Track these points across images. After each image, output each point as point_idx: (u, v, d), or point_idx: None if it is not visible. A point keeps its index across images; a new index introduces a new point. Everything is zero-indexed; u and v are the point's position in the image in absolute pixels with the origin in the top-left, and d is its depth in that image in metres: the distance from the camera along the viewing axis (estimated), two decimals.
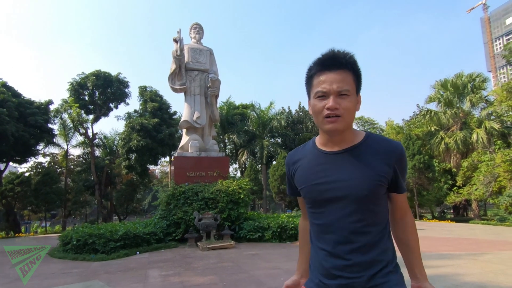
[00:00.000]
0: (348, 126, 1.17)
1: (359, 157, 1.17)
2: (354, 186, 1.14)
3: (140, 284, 5.56)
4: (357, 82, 1.17)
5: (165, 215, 10.95)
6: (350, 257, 1.15)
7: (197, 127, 12.74)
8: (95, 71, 26.72)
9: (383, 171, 1.16)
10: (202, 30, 13.81)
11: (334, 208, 1.18)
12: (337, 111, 1.12)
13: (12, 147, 23.09)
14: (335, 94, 1.12)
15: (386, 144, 1.19)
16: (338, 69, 1.13)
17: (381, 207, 1.20)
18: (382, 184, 1.16)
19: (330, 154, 1.21)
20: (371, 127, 37.30)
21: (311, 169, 1.24)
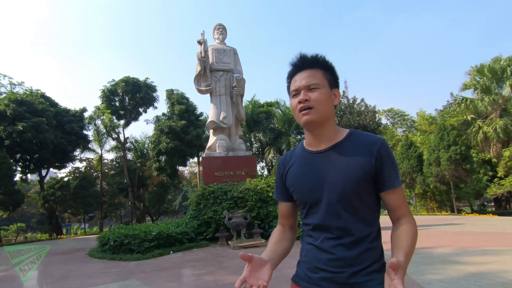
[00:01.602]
0: (323, 117, 1.20)
1: (342, 154, 1.20)
2: (338, 183, 1.16)
3: (174, 283, 5.67)
4: (331, 77, 1.24)
5: (195, 215, 11.14)
6: (334, 251, 1.17)
7: (223, 127, 12.84)
8: (124, 78, 27.71)
9: (365, 165, 1.15)
10: (226, 31, 13.89)
11: (321, 207, 1.20)
12: (308, 103, 1.18)
13: (52, 154, 24.47)
14: (305, 88, 1.20)
15: (367, 138, 1.21)
16: (307, 68, 1.22)
17: (367, 204, 1.19)
18: (366, 179, 1.16)
19: (315, 154, 1.25)
20: (401, 119, 36.02)
21: (299, 170, 1.28)
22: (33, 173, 27.09)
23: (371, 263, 1.15)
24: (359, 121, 30.75)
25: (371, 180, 1.17)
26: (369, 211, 1.19)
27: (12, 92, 26.10)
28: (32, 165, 25.59)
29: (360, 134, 1.23)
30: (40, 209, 28.71)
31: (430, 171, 19.54)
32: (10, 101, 22.21)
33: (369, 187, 1.17)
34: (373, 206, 1.21)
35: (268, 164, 30.66)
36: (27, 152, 23.45)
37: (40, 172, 26.78)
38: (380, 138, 1.20)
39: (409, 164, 21.19)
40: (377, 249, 1.19)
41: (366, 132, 1.24)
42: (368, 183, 1.16)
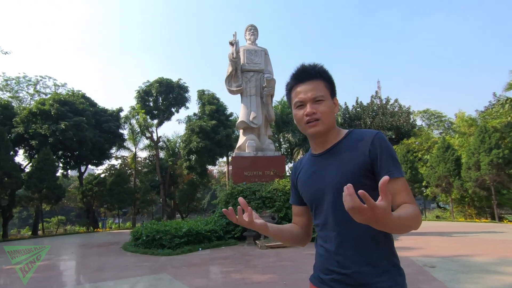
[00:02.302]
0: (329, 127, 1.26)
1: (339, 153, 1.24)
2: (337, 182, 1.18)
3: (204, 279, 5.80)
4: (331, 88, 1.28)
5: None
6: (342, 252, 1.17)
7: (253, 127, 12.94)
8: (158, 79, 28.67)
9: (360, 160, 1.17)
10: (257, 31, 14.00)
11: (324, 207, 1.23)
12: (315, 115, 1.23)
13: (91, 151, 25.81)
14: (311, 101, 1.24)
15: (362, 134, 1.23)
16: (310, 79, 1.26)
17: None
18: (363, 174, 1.17)
19: (317, 157, 1.31)
20: (437, 120, 34.41)
21: (307, 174, 1.33)
22: (73, 169, 28.71)
23: (380, 262, 1.14)
24: (392, 122, 29.77)
25: (371, 175, 1.17)
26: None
27: (56, 92, 27.84)
28: (72, 162, 27.13)
29: (357, 132, 1.27)
30: (78, 204, 30.35)
31: (469, 176, 18.51)
32: (54, 101, 23.68)
33: (370, 182, 1.16)
34: (375, 199, 1.15)
35: None
36: (68, 149, 24.88)
37: (80, 169, 28.33)
38: (374, 132, 1.21)
39: (446, 168, 20.20)
40: (386, 248, 1.17)
41: (363, 129, 1.26)
42: (367, 178, 1.17)
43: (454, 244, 9.15)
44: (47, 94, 28.48)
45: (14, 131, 22.82)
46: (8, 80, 27.91)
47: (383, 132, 1.68)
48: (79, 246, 13.18)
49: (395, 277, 1.14)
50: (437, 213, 25.94)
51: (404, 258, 6.99)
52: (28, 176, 21.21)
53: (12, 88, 28.34)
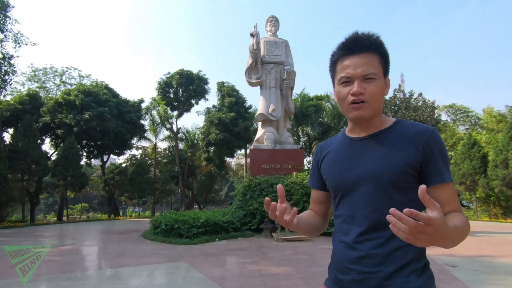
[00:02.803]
0: (376, 112, 1.10)
1: (385, 142, 1.09)
2: (376, 174, 1.05)
3: (220, 269, 5.86)
4: (385, 65, 1.10)
5: (241, 205, 11.36)
6: (365, 247, 1.05)
7: (272, 120, 12.86)
8: (179, 70, 28.94)
9: (410, 156, 1.03)
10: (278, 23, 13.83)
11: (355, 197, 1.10)
12: (363, 96, 1.06)
13: (113, 141, 26.52)
14: (360, 78, 1.06)
15: (415, 128, 1.08)
16: (363, 52, 1.07)
17: (408, 198, 1.04)
18: (408, 171, 1.03)
19: (356, 141, 1.15)
20: (464, 115, 33.15)
21: (336, 157, 1.19)
22: (96, 158, 29.63)
23: (408, 262, 1.01)
24: (415, 116, 28.86)
25: (416, 174, 1.04)
26: (409, 206, 0.98)
27: (80, 83, 28.68)
28: (95, 151, 28.00)
29: (407, 124, 1.11)
30: (101, 192, 31.36)
31: (496, 174, 17.78)
32: (79, 92, 24.40)
33: (413, 181, 1.04)
34: (415, 200, 1.00)
35: None
36: (91, 139, 25.67)
37: (102, 158, 29.20)
38: (429, 128, 1.07)
39: (471, 165, 19.48)
40: (416, 248, 1.02)
41: (414, 122, 1.11)
42: (411, 176, 1.04)
43: (477, 244, 8.83)
44: (72, 85, 29.39)
45: (41, 120, 23.73)
46: (36, 71, 28.97)
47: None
48: (101, 232, 13.62)
49: (424, 279, 1.02)
50: None
51: None
52: (54, 164, 22.07)
53: (40, 78, 29.43)
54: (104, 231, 13.91)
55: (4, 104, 22.86)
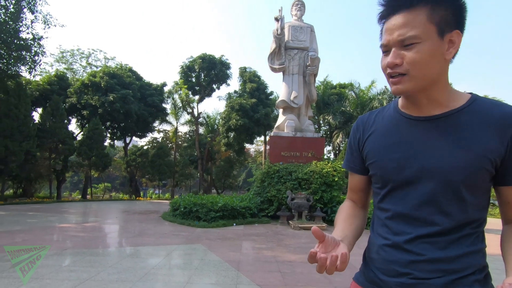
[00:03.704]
0: (423, 85, 0.86)
1: (457, 127, 0.87)
2: (445, 169, 0.86)
3: (236, 253, 5.91)
4: (445, 15, 0.82)
5: (259, 191, 11.38)
6: (422, 251, 0.88)
7: (293, 107, 12.68)
8: (201, 55, 28.93)
9: (492, 149, 0.83)
10: (304, 7, 13.44)
11: (412, 193, 0.91)
12: (399, 68, 0.85)
13: (135, 124, 27.08)
14: (397, 45, 0.84)
15: (500, 110, 0.85)
16: (406, 8, 0.83)
17: (480, 199, 0.88)
18: (487, 168, 0.84)
19: (416, 121, 0.92)
20: None
21: (387, 139, 0.96)
22: (119, 140, 30.41)
23: (474, 270, 0.87)
24: None
25: (494, 170, 0.86)
26: (478, 207, 0.89)
27: (106, 65, 29.24)
28: (118, 133, 28.70)
29: (487, 103, 0.88)
30: (123, 173, 32.33)
31: None
32: (104, 74, 24.90)
33: (487, 179, 0.87)
34: (485, 201, 0.91)
35: (336, 148, 29.76)
36: (115, 120, 26.28)
37: (125, 139, 29.93)
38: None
39: None
40: (481, 253, 0.91)
41: (495, 101, 0.88)
42: (489, 174, 0.86)
43: None
44: (98, 67, 30.04)
45: (68, 101, 24.48)
46: (64, 52, 29.74)
47: None
48: (122, 212, 14.06)
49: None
50: None
51: None
52: (80, 144, 22.83)
53: (67, 60, 30.21)
54: (125, 211, 14.35)
55: (34, 84, 23.67)
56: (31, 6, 15.56)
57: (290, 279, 4.35)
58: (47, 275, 4.16)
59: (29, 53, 16.09)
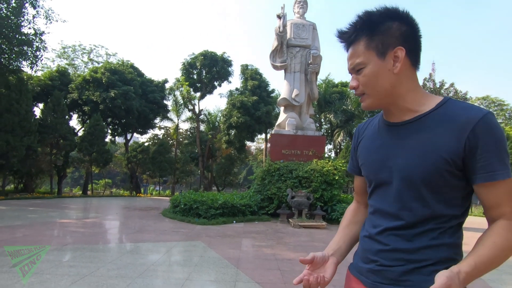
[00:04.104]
0: (381, 98, 0.99)
1: (421, 130, 0.94)
2: (409, 168, 0.94)
3: (236, 250, 5.92)
4: (380, 39, 0.94)
5: (259, 189, 11.38)
6: (389, 242, 0.98)
7: (295, 105, 12.65)
8: (203, 51, 28.88)
9: (448, 149, 0.89)
10: (306, 4, 13.38)
11: (386, 191, 1.01)
12: (358, 90, 1.00)
13: (136, 120, 27.08)
14: (353, 72, 1.01)
15: (465, 113, 0.89)
16: (351, 43, 0.99)
17: (446, 196, 0.93)
18: (444, 168, 0.90)
19: (392, 126, 1.02)
20: (498, 108, 31.56)
21: (372, 143, 1.09)
22: (120, 136, 30.44)
23: (434, 262, 0.92)
24: None
25: (457, 171, 0.90)
26: (446, 204, 0.94)
27: (107, 61, 29.21)
28: (119, 129, 28.73)
29: (455, 106, 0.93)
30: (124, 169, 32.37)
31: None
32: (105, 70, 24.90)
33: (455, 181, 0.92)
34: (456, 199, 0.95)
35: (337, 147, 29.75)
36: (116, 117, 26.30)
37: (126, 136, 29.96)
38: (480, 112, 0.88)
39: None
40: (446, 246, 0.94)
41: (465, 103, 0.92)
42: (452, 175, 0.91)
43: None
44: (99, 63, 30.02)
45: (69, 96, 24.49)
46: (65, 48, 29.72)
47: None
48: (122, 208, 14.09)
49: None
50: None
51: None
52: (81, 140, 22.86)
53: (69, 55, 30.19)
54: (125, 207, 14.38)
55: (35, 79, 23.67)
56: (33, 1, 15.53)
57: (289, 277, 4.35)
58: (46, 270, 4.17)
59: (31, 48, 16.07)
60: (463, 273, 0.81)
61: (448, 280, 0.77)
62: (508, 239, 0.87)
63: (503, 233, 0.87)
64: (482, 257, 0.85)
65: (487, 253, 0.86)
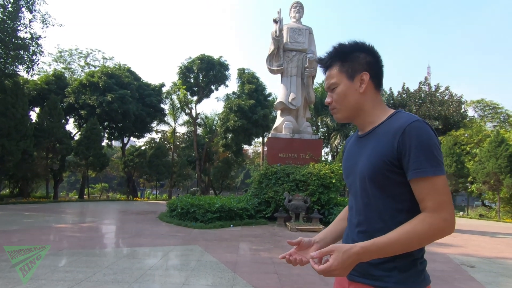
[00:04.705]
0: (348, 113, 1.20)
1: (373, 139, 1.14)
2: (360, 171, 1.14)
3: (233, 254, 5.91)
4: (350, 65, 1.17)
5: (257, 193, 11.37)
6: (356, 238, 1.13)
7: (292, 109, 12.69)
8: (200, 55, 28.90)
9: (385, 152, 1.06)
10: (303, 9, 13.46)
11: (352, 191, 1.21)
12: (331, 105, 1.22)
13: (133, 124, 27.01)
14: (329, 90, 1.22)
15: (400, 120, 1.08)
16: (327, 69, 1.23)
17: (394, 192, 1.08)
18: (386, 167, 1.06)
19: (361, 137, 1.23)
20: (493, 112, 31.79)
21: (348, 154, 1.30)
22: (117, 140, 30.35)
23: (392, 258, 1.04)
24: (440, 111, 27.95)
25: (398, 170, 1.05)
26: (394, 202, 1.08)
27: (104, 65, 29.19)
28: (116, 133, 28.63)
29: (398, 116, 1.11)
30: (120, 173, 32.23)
31: None
32: (102, 74, 24.86)
33: (397, 177, 1.06)
34: (402, 194, 1.07)
35: (334, 150, 29.84)
36: (113, 120, 26.23)
37: (123, 140, 29.87)
38: (409, 120, 1.04)
39: (497, 164, 18.75)
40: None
41: (407, 114, 1.09)
42: (393, 173, 1.06)
43: (497, 245, 8.54)
44: (96, 67, 29.97)
45: (66, 100, 24.41)
46: (62, 52, 29.66)
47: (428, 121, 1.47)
48: (119, 212, 14.03)
49: (407, 275, 1.05)
50: (481, 211, 24.38)
51: (440, 255, 6.65)
52: (77, 144, 22.77)
53: (65, 59, 30.14)
54: (122, 211, 14.32)
55: (32, 83, 23.60)
56: (29, 5, 15.54)
57: (286, 281, 4.36)
58: (42, 276, 4.15)
59: (27, 52, 16.06)
60: (358, 247, 0.98)
61: (333, 247, 0.98)
62: (415, 226, 0.99)
63: (414, 221, 1.00)
64: (386, 237, 0.99)
65: (392, 235, 0.99)
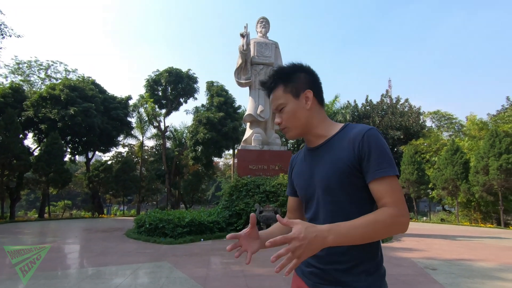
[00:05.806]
0: (299, 130, 1.24)
1: (330, 149, 1.19)
2: (321, 180, 1.17)
3: (203, 269, 5.83)
4: (294, 85, 1.22)
5: (227, 205, 11.32)
6: (325, 248, 1.08)
7: (260, 121, 12.88)
8: (168, 68, 28.64)
9: (350, 157, 1.12)
10: (269, 24, 13.87)
11: (313, 201, 1.23)
12: (281, 125, 1.25)
13: (98, 138, 26.03)
14: (277, 111, 1.26)
15: (355, 129, 1.15)
16: (272, 90, 1.26)
17: (355, 198, 1.14)
18: (350, 172, 1.12)
19: (311, 151, 1.27)
20: (448, 122, 33.93)
21: (300, 168, 1.32)
22: (81, 155, 29.02)
23: (361, 261, 1.10)
24: (401, 122, 29.44)
25: (359, 174, 1.11)
26: (358, 206, 1.13)
27: (66, 78, 28.07)
28: (80, 147, 27.41)
29: (351, 127, 1.19)
30: (85, 189, 30.73)
31: (477, 180, 18.27)
32: (64, 86, 23.86)
33: (359, 181, 1.12)
34: (363, 198, 1.14)
35: None
36: (76, 135, 25.13)
37: (87, 154, 28.62)
38: (366, 127, 1.13)
39: (453, 171, 19.95)
40: (371, 248, 1.12)
41: (358, 124, 1.18)
42: (355, 177, 1.12)
43: (457, 248, 9.04)
44: (57, 79, 28.74)
45: (24, 114, 23.11)
46: (20, 63, 28.20)
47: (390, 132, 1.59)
48: (83, 230, 13.36)
49: (374, 278, 1.11)
50: (442, 216, 25.71)
51: (405, 259, 6.93)
52: (36, 160, 21.50)
53: (24, 71, 28.65)
54: (86, 229, 13.65)
55: None
56: None
57: None
58: None
59: None
60: (323, 225, 0.99)
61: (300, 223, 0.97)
62: (377, 216, 1.03)
63: (378, 212, 1.05)
64: (350, 221, 1.02)
65: (356, 220, 1.02)
